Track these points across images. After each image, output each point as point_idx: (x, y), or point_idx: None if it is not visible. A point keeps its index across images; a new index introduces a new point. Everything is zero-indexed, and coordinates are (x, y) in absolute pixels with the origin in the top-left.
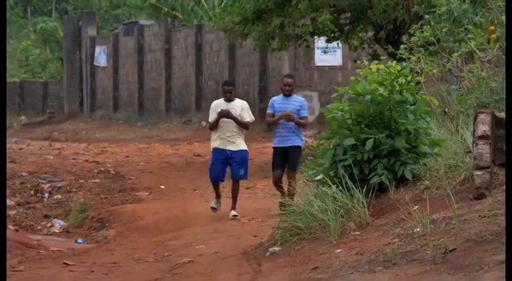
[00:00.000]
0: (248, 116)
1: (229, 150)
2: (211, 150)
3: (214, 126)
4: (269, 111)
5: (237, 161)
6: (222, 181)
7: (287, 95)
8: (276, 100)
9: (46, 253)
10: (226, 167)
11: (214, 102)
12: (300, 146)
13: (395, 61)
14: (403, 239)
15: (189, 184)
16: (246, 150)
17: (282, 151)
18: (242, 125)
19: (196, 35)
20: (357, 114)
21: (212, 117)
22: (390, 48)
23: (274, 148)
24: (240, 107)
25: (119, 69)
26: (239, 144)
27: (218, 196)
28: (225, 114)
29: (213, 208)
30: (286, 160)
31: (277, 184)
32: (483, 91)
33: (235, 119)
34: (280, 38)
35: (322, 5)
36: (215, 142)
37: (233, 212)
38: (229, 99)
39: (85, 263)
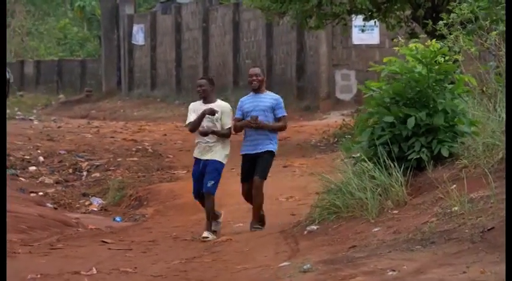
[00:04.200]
0: (229, 122)
1: (204, 160)
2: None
3: (194, 129)
4: (237, 115)
5: (208, 171)
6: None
7: (257, 90)
8: (245, 100)
9: (84, 231)
10: None
11: (193, 104)
12: (272, 152)
13: (433, 39)
14: (441, 218)
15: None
16: (220, 161)
17: (251, 158)
18: (223, 136)
19: (233, 13)
20: (395, 92)
21: (191, 118)
22: (430, 26)
23: (242, 155)
24: (220, 111)
25: (157, 48)
26: (216, 153)
27: (215, 217)
28: (204, 133)
29: (214, 231)
30: (254, 164)
31: (247, 196)
32: None
33: (216, 134)
34: (318, 17)
35: None
36: (195, 151)
37: (205, 233)
38: (206, 100)
39: (123, 242)
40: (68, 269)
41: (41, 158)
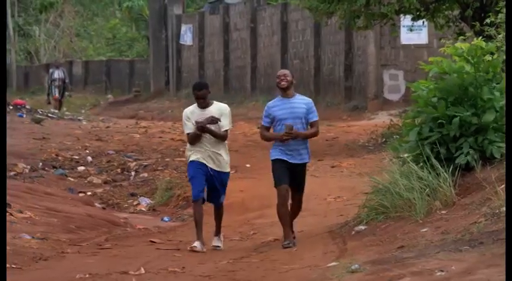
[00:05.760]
0: (227, 124)
1: (211, 168)
2: (188, 162)
3: (196, 141)
4: (265, 124)
5: (220, 187)
6: (204, 200)
7: (286, 94)
8: (274, 106)
9: (132, 230)
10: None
11: (187, 110)
12: (307, 163)
13: (480, 37)
14: (490, 218)
15: None
16: (228, 173)
17: (289, 165)
18: (219, 137)
19: (281, 13)
20: (443, 91)
21: (188, 129)
22: (477, 26)
23: (276, 160)
24: (218, 114)
25: (205, 48)
26: (222, 163)
27: (200, 236)
28: (201, 130)
29: (193, 247)
30: (291, 176)
31: (285, 201)
32: None
33: (211, 133)
34: (366, 17)
35: None
36: (193, 155)
37: (215, 242)
38: (204, 106)
39: (171, 241)
40: (116, 269)
41: (90, 158)
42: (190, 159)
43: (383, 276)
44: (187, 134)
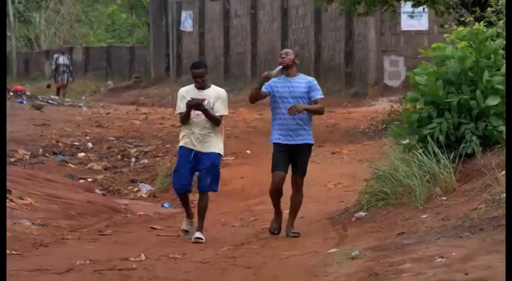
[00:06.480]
0: (223, 109)
1: (195, 151)
2: (178, 149)
3: (186, 120)
4: (264, 89)
5: (205, 168)
6: (190, 191)
7: (288, 73)
8: (276, 81)
9: (133, 217)
10: (194, 174)
11: (183, 89)
12: (311, 144)
13: (482, 22)
14: (490, 204)
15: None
16: (218, 153)
17: (288, 149)
18: (213, 119)
19: None
20: (443, 76)
21: (180, 109)
22: (478, 12)
23: (276, 144)
24: (215, 97)
25: (205, 34)
26: (211, 144)
27: (189, 214)
28: (194, 105)
29: (184, 231)
30: (291, 159)
31: (278, 188)
32: None
33: (205, 112)
34: (366, 3)
35: None
36: (182, 140)
37: (197, 234)
38: (201, 87)
39: (171, 228)
40: (117, 255)
41: (90, 145)
42: (179, 144)
43: (383, 262)
44: (179, 113)
